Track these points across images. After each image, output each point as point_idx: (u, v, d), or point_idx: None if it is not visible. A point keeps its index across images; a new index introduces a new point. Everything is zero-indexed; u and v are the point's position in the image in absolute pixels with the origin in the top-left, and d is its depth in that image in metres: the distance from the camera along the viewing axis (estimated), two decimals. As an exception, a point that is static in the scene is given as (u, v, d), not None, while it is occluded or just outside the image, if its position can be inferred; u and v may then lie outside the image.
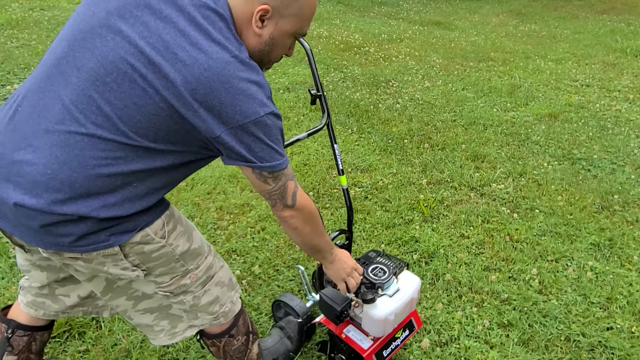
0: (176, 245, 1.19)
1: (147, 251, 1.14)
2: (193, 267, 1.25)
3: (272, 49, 1.13)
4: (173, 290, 1.24)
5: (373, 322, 1.49)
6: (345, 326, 1.64)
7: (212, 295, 1.31)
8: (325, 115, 1.62)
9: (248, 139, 1.04)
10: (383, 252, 1.65)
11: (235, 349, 1.45)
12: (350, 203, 1.70)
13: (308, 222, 1.24)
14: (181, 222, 1.23)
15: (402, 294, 1.52)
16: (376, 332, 1.54)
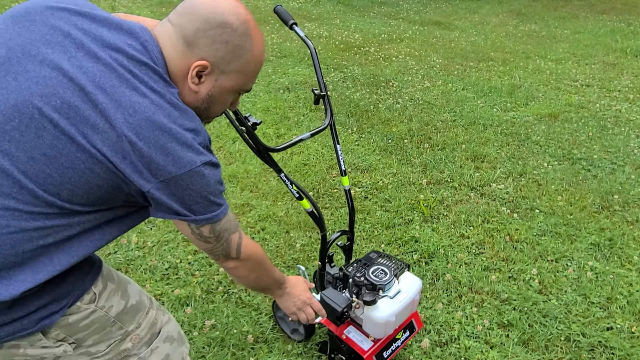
0: (109, 307, 1.02)
1: (72, 322, 0.97)
2: (133, 327, 1.08)
3: (210, 106, 1.02)
4: (113, 358, 1.07)
5: (374, 323, 1.49)
6: (346, 327, 1.64)
7: (160, 354, 1.14)
8: (329, 115, 1.61)
9: (181, 192, 0.91)
10: (384, 253, 1.65)
11: None
12: (352, 204, 1.70)
13: (254, 270, 1.16)
14: (111, 277, 1.07)
15: (403, 296, 1.52)
16: (377, 333, 1.53)
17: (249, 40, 0.96)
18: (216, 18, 0.92)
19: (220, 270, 2.25)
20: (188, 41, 0.93)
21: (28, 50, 0.85)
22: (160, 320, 1.16)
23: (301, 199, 1.55)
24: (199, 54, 0.93)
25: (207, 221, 0.97)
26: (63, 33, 0.87)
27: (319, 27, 6.79)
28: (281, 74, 4.83)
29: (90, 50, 0.86)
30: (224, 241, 1.04)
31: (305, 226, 2.58)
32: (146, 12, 7.12)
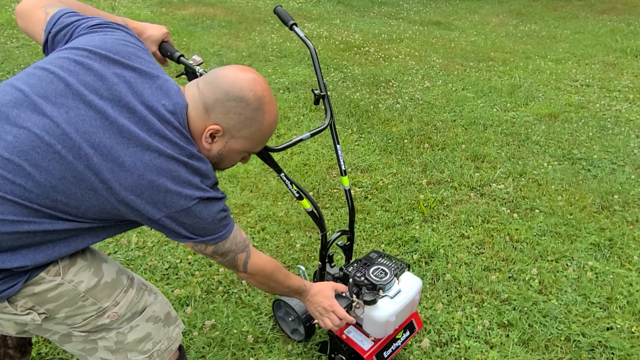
0: (78, 282, 1.07)
1: (39, 292, 1.02)
2: (110, 304, 1.12)
3: (219, 162, 1.17)
4: (90, 330, 1.13)
5: (374, 323, 1.49)
6: (346, 327, 1.64)
7: (141, 331, 1.19)
8: (329, 115, 1.61)
9: (190, 221, 1.06)
10: (384, 253, 1.65)
11: None
12: (352, 204, 1.70)
13: (263, 283, 1.31)
14: (84, 255, 1.11)
15: (403, 295, 1.52)
16: (377, 333, 1.53)
17: (260, 114, 1.10)
18: (234, 92, 1.07)
19: (220, 270, 2.25)
20: (207, 107, 1.07)
21: (82, 92, 0.99)
22: (143, 300, 1.21)
23: (301, 198, 1.55)
24: (215, 119, 1.08)
25: (212, 241, 1.12)
26: (112, 83, 1.02)
27: (319, 27, 6.79)
28: (281, 74, 4.83)
29: (130, 105, 1.01)
30: (229, 259, 1.19)
31: (305, 226, 2.58)
32: (146, 12, 7.12)
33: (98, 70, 1.02)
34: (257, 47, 5.67)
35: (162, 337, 1.25)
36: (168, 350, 1.26)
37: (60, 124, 0.96)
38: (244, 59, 5.20)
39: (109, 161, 0.96)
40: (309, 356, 1.83)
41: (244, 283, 2.17)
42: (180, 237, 1.09)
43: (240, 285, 2.17)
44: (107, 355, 1.19)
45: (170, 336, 1.27)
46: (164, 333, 1.25)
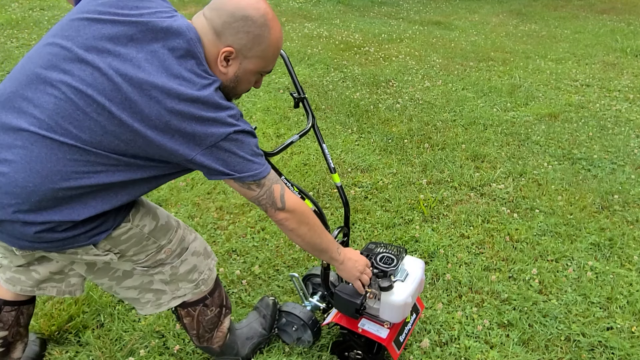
0: (143, 225, 1.27)
1: (114, 236, 1.22)
2: (165, 242, 1.34)
3: (236, 85, 1.22)
4: (150, 265, 1.34)
5: (393, 308, 1.53)
6: (359, 321, 1.65)
7: (189, 264, 1.41)
8: (310, 117, 1.63)
9: (223, 155, 1.13)
10: (381, 242, 1.69)
11: (208, 320, 1.52)
12: (346, 199, 1.71)
13: (303, 223, 1.30)
14: (142, 202, 1.31)
15: (413, 276, 1.58)
16: (396, 317, 1.57)
17: (266, 29, 1.16)
18: (239, 12, 1.13)
19: (220, 270, 2.25)
20: (217, 32, 1.14)
21: (92, 47, 1.06)
22: (187, 238, 1.42)
23: (303, 200, 1.55)
24: (226, 41, 1.14)
25: (251, 178, 1.18)
26: (127, 37, 1.08)
27: (319, 27, 6.78)
28: (281, 74, 4.83)
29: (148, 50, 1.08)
30: (266, 189, 1.22)
31: (305, 226, 2.58)
32: (146, 12, 7.11)
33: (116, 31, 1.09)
34: (257, 47, 5.66)
35: (204, 267, 1.45)
36: (210, 278, 1.48)
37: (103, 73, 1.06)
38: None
39: (136, 114, 1.05)
40: (309, 356, 1.83)
41: (244, 283, 2.17)
42: (218, 174, 1.15)
43: (240, 285, 2.17)
44: (161, 286, 1.39)
45: (210, 267, 1.48)
46: (205, 264, 1.46)
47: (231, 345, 1.67)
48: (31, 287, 1.42)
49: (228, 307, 1.60)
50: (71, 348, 1.82)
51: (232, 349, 1.68)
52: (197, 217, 2.64)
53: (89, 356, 1.80)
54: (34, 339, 1.77)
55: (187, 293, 1.43)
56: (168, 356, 1.81)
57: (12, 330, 1.51)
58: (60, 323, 1.88)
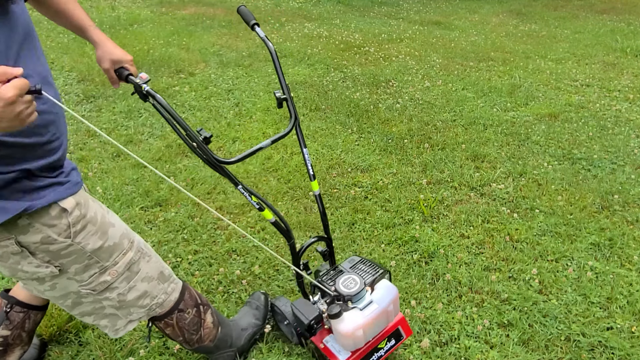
0: (85, 244, 1.23)
1: (53, 250, 1.20)
2: (110, 263, 1.29)
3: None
4: (95, 288, 1.30)
5: (341, 336, 1.44)
6: (326, 335, 1.59)
7: (138, 290, 1.36)
8: (293, 118, 1.55)
9: None
10: (364, 258, 1.58)
11: (189, 322, 1.51)
12: (323, 209, 1.65)
13: None
14: (95, 222, 1.25)
15: (373, 307, 1.45)
16: (346, 346, 1.48)
17: None
18: None
19: (220, 270, 2.25)
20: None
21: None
22: (139, 261, 1.36)
23: (262, 209, 1.51)
24: None
25: None
26: None
27: (319, 27, 6.78)
28: (281, 74, 4.82)
29: None
30: None
31: (305, 226, 2.58)
32: (146, 12, 7.12)
33: None
34: (257, 47, 5.66)
35: (159, 292, 1.41)
36: (166, 302, 1.44)
37: None
38: (244, 59, 5.20)
39: None
40: (309, 356, 1.83)
41: (244, 283, 2.17)
42: None
43: (240, 285, 2.17)
44: (113, 311, 1.36)
45: (167, 291, 1.44)
46: (160, 289, 1.42)
47: (224, 339, 1.67)
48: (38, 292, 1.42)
49: (204, 303, 1.59)
50: (71, 348, 1.82)
51: (225, 342, 1.68)
52: (197, 217, 2.64)
53: (89, 356, 1.80)
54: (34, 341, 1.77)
55: (141, 317, 1.41)
56: (168, 356, 1.81)
57: (14, 332, 1.52)
58: (60, 323, 1.88)
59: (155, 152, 3.30)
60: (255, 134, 3.57)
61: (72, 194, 1.21)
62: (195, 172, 3.06)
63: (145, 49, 5.36)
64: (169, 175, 3.02)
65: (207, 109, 4.01)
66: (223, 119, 3.85)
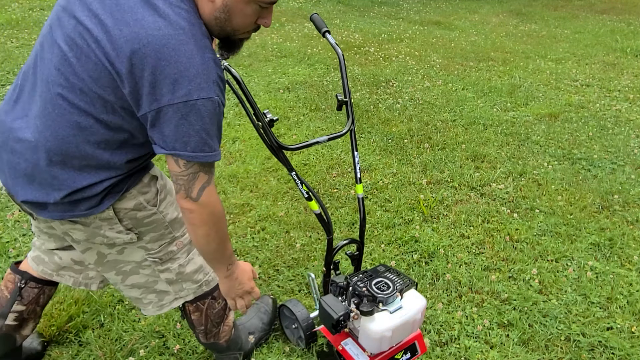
0: (166, 213, 1.29)
1: (139, 217, 1.24)
2: (179, 234, 1.34)
3: (229, 16, 1.07)
4: (162, 257, 1.33)
5: (369, 336, 1.44)
6: (344, 338, 1.59)
7: (195, 263, 1.41)
8: (350, 121, 1.60)
9: (177, 121, 1.00)
10: (393, 268, 1.59)
11: (215, 313, 1.52)
12: (364, 214, 1.66)
13: (208, 224, 1.15)
14: (172, 193, 1.31)
15: (403, 312, 1.46)
16: (371, 347, 1.48)
17: None
18: None
19: (220, 270, 2.25)
20: None
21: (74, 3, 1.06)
22: None
23: (310, 199, 1.53)
24: None
25: (196, 159, 1.05)
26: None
27: (319, 27, 6.78)
28: (281, 74, 4.83)
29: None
30: (192, 172, 1.07)
31: (305, 226, 2.58)
32: (146, 12, 7.11)
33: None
34: (257, 47, 5.67)
35: (209, 269, 1.45)
36: (214, 280, 1.47)
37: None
38: (244, 59, 5.20)
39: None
40: (308, 356, 1.83)
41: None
42: (161, 143, 1.04)
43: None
44: (165, 287, 1.39)
45: None
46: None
47: (236, 340, 1.67)
48: (52, 270, 1.47)
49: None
50: (71, 348, 1.82)
51: (236, 344, 1.68)
52: (197, 217, 2.64)
53: (89, 356, 1.80)
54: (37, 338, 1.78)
55: (189, 294, 1.44)
56: (168, 356, 1.81)
57: (29, 307, 1.53)
58: (60, 323, 1.88)
59: (155, 152, 3.29)
60: (255, 134, 3.57)
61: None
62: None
63: (145, 49, 5.36)
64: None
65: (207, 109, 4.01)
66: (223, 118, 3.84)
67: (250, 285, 1.36)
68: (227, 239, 1.23)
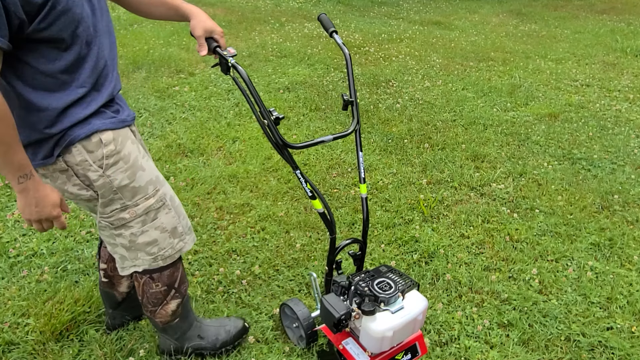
0: (114, 179, 1.33)
1: (90, 177, 1.31)
2: (131, 203, 1.38)
3: None
4: (113, 222, 1.40)
5: (370, 335, 1.45)
6: (345, 338, 1.59)
7: (149, 236, 1.44)
8: (355, 121, 1.62)
9: None
10: (395, 269, 1.59)
11: (152, 293, 1.57)
12: (367, 213, 1.66)
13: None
14: (128, 160, 1.35)
15: (405, 312, 1.46)
16: (372, 347, 1.49)
17: None
18: None
19: (220, 270, 2.25)
20: None
21: None
22: (161, 211, 1.44)
23: (314, 198, 1.53)
24: None
25: None
26: None
27: (319, 27, 6.78)
28: (281, 74, 4.83)
29: None
30: None
31: (305, 226, 2.58)
32: (146, 12, 7.11)
33: None
34: (257, 47, 5.67)
35: (167, 245, 1.49)
36: (170, 257, 1.51)
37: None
38: (244, 59, 5.20)
39: None
40: (308, 356, 1.83)
41: (244, 283, 2.17)
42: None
43: (240, 285, 2.17)
44: (122, 251, 1.47)
45: (174, 246, 1.51)
46: (169, 243, 1.49)
47: (175, 329, 1.69)
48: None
49: (181, 292, 1.61)
50: (72, 347, 1.82)
51: (174, 333, 1.70)
52: (197, 217, 2.64)
53: (90, 355, 1.80)
54: None
55: (144, 265, 1.49)
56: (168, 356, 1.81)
57: (110, 265, 1.71)
58: (60, 323, 1.88)
59: (155, 152, 3.30)
60: (256, 134, 3.57)
61: (113, 129, 1.32)
62: (195, 172, 3.06)
63: (145, 49, 5.37)
64: (169, 176, 3.02)
65: (207, 109, 4.01)
66: (223, 119, 3.85)
67: (53, 214, 1.27)
68: (10, 144, 1.14)
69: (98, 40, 1.27)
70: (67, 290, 2.04)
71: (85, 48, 1.23)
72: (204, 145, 3.41)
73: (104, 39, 1.31)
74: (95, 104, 1.29)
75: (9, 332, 1.87)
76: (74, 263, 2.26)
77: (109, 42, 1.34)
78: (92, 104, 1.29)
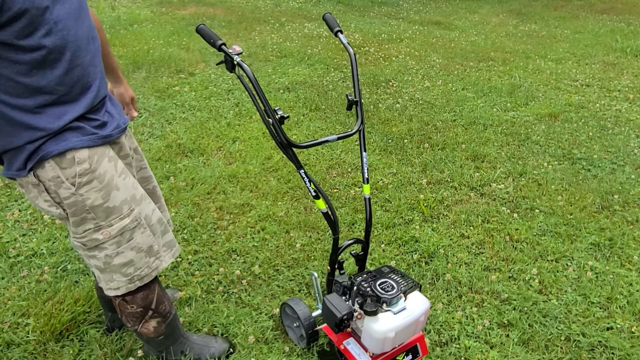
0: (87, 198, 1.29)
1: (61, 194, 1.27)
2: (105, 224, 1.34)
3: None
4: (86, 243, 1.35)
5: (372, 336, 1.45)
6: (346, 338, 1.60)
7: (125, 257, 1.40)
8: (359, 122, 1.61)
9: None
10: (397, 269, 1.59)
11: (128, 313, 1.54)
12: (370, 214, 1.66)
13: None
14: (102, 179, 1.30)
15: (407, 313, 1.46)
16: (374, 347, 1.48)
17: None
18: None
19: (220, 270, 2.25)
20: None
21: None
22: (136, 231, 1.40)
23: (317, 198, 1.53)
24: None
25: None
26: None
27: (319, 27, 6.78)
28: (281, 74, 4.83)
29: None
30: None
31: (305, 226, 2.58)
32: (146, 12, 7.12)
33: None
34: (257, 47, 5.67)
35: (143, 265, 1.45)
36: (147, 275, 1.47)
37: None
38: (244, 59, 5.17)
39: None
40: (308, 356, 1.83)
41: (244, 283, 2.17)
42: None
43: (240, 285, 2.17)
44: (97, 272, 1.43)
45: (150, 265, 1.47)
46: (145, 262, 1.45)
47: (158, 344, 1.68)
48: None
49: (159, 312, 1.57)
50: (72, 347, 1.82)
51: (157, 346, 1.69)
52: (197, 217, 2.64)
53: (90, 355, 1.80)
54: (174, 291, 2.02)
55: (120, 287, 1.44)
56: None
57: None
58: (60, 323, 1.88)
59: (155, 152, 3.30)
60: (256, 134, 3.57)
61: (90, 146, 1.27)
62: (195, 172, 3.06)
63: (145, 49, 5.37)
64: (169, 176, 3.02)
65: (207, 109, 4.02)
66: (223, 119, 3.85)
67: None
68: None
69: (73, 46, 1.18)
70: (67, 290, 2.05)
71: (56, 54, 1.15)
72: (204, 145, 3.41)
73: (83, 45, 1.22)
74: (69, 115, 1.21)
75: (9, 332, 1.87)
76: (74, 263, 2.27)
77: (91, 48, 1.26)
78: (65, 115, 1.21)
